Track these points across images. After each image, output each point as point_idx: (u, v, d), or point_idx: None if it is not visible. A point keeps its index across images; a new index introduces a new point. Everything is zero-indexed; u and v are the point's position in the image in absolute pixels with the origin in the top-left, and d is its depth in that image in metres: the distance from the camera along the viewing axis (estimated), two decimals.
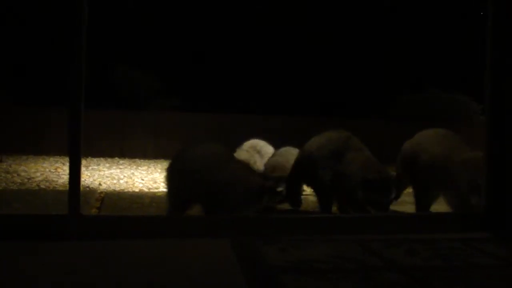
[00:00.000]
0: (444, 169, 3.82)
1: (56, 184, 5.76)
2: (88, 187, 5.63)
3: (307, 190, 4.64)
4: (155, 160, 8.98)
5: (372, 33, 12.84)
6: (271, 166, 4.78)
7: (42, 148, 9.04)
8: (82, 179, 3.06)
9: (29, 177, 6.22)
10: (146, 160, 8.97)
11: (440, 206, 4.10)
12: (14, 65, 10.74)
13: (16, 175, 6.33)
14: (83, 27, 2.94)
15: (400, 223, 3.34)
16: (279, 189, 4.08)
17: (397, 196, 4.41)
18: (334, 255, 2.67)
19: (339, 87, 12.44)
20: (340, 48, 12.64)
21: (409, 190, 4.70)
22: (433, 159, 3.93)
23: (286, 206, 4.37)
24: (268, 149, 5.81)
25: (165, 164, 8.48)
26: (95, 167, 7.71)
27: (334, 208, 4.05)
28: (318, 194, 4.14)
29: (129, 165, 8.25)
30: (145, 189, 5.72)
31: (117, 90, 10.93)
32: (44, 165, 7.57)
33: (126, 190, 5.60)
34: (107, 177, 6.59)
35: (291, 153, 4.76)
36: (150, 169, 7.75)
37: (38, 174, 6.54)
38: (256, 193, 3.52)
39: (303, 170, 4.22)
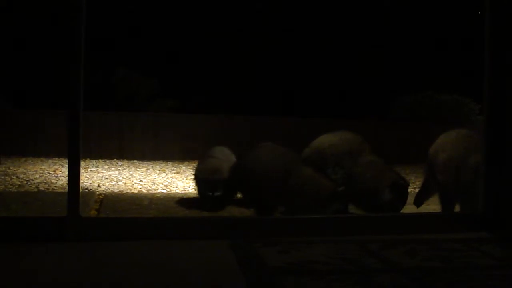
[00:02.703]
0: (458, 171, 3.78)
1: (55, 186, 5.75)
2: (87, 189, 5.63)
3: None
4: (154, 162, 8.97)
5: (370, 34, 12.85)
6: (212, 168, 4.33)
7: (41, 150, 9.02)
8: (81, 181, 3.06)
9: (28, 179, 6.21)
10: (145, 162, 8.96)
11: (438, 206, 4.10)
12: (12, 67, 10.73)
13: (15, 177, 6.32)
14: (82, 29, 2.94)
15: (399, 224, 3.34)
16: (217, 193, 4.12)
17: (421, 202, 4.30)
18: (333, 256, 2.67)
19: (338, 88, 12.44)
20: (339, 49, 12.64)
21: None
22: (450, 159, 3.87)
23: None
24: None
25: (163, 165, 8.52)
26: (94, 168, 7.70)
27: None
28: None
29: (128, 166, 8.25)
30: (144, 191, 5.72)
31: (115, 91, 10.93)
32: (43, 167, 7.55)
33: (125, 192, 5.60)
34: (105, 178, 6.58)
35: (228, 154, 4.61)
36: (148, 170, 7.75)
37: (37, 176, 6.53)
38: (326, 198, 3.56)
39: (311, 166, 4.18)
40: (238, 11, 12.60)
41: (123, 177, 6.77)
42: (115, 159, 9.07)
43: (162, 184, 6.22)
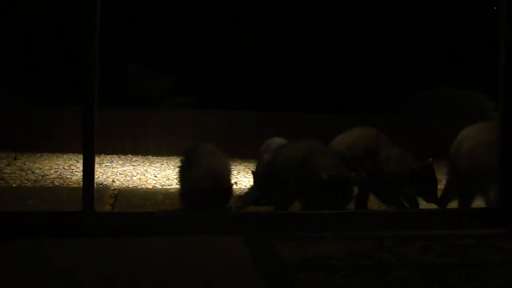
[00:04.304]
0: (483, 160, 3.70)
1: (70, 181, 5.80)
2: (101, 184, 5.66)
3: None
4: (168, 157, 9.01)
5: (383, 31, 12.79)
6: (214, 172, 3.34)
7: (56, 146, 9.09)
8: (95, 176, 3.08)
9: (43, 174, 6.26)
10: (159, 157, 9.00)
11: (453, 202, 4.06)
12: (28, 65, 10.82)
13: (30, 172, 6.38)
14: (96, 26, 2.95)
15: (414, 220, 3.32)
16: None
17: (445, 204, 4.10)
18: (348, 252, 2.67)
19: (351, 86, 12.41)
20: (351, 47, 12.60)
21: None
22: (472, 149, 3.76)
23: None
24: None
25: (178, 161, 8.55)
26: (109, 164, 7.75)
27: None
28: None
29: (142, 162, 8.29)
30: (158, 186, 5.75)
31: (130, 88, 10.98)
32: (58, 162, 7.62)
33: (139, 187, 5.63)
34: (120, 174, 6.62)
35: (219, 154, 3.63)
36: (163, 166, 7.78)
37: (52, 171, 6.58)
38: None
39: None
40: (253, 8, 12.60)
41: (137, 173, 6.80)
42: (129, 155, 9.12)
43: (176, 179, 6.25)
